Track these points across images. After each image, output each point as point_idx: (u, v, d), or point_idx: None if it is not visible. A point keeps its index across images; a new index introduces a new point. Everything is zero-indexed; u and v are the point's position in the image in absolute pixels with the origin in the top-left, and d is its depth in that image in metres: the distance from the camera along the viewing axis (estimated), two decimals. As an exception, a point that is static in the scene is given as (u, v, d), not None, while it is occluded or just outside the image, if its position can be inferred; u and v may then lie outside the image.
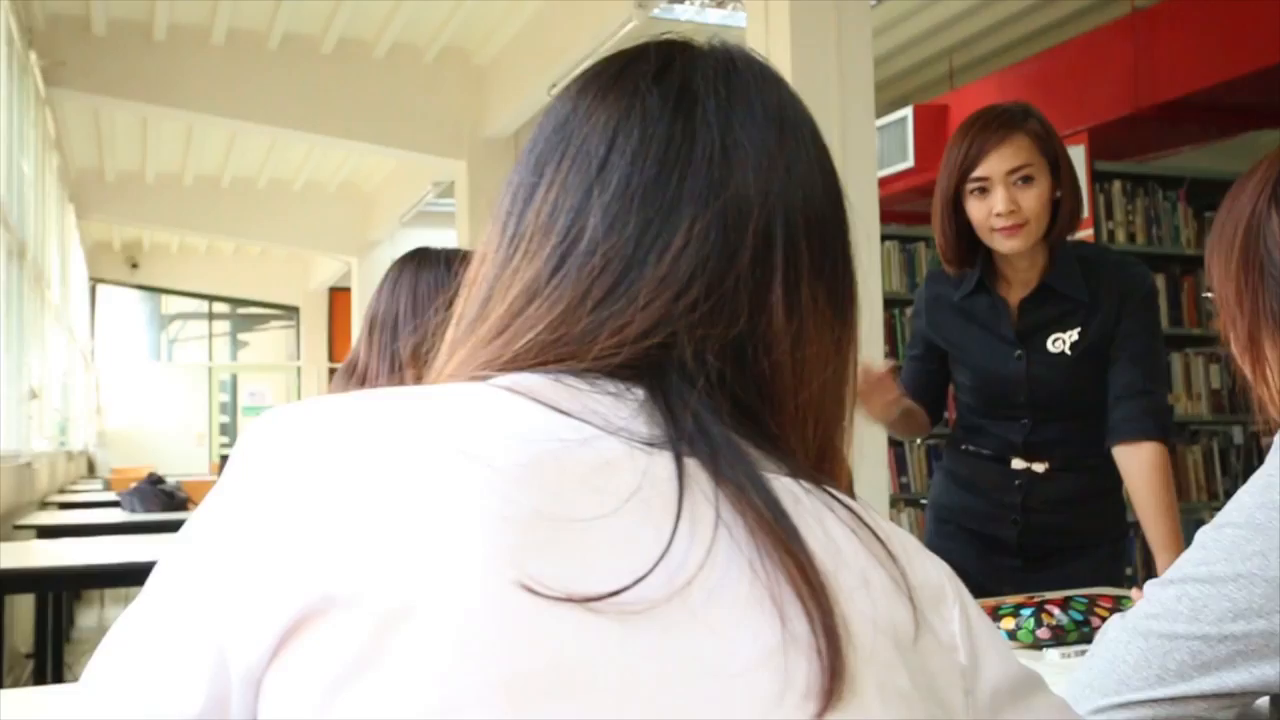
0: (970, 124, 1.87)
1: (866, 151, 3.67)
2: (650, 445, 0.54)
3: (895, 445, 4.66)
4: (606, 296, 0.58)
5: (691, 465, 0.54)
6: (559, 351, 0.58)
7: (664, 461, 0.53)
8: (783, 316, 0.59)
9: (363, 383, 1.46)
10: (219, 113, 6.52)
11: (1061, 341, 1.88)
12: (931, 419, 2.17)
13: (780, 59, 3.63)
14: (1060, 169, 1.86)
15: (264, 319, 13.48)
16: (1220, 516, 0.83)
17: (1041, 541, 1.96)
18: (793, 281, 0.59)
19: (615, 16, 5.14)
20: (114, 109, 7.09)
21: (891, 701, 0.52)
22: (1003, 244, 1.85)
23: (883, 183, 5.32)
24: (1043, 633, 1.38)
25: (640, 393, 0.56)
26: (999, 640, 0.62)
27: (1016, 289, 1.92)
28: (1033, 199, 1.82)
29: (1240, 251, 0.92)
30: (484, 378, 0.57)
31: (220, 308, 13.29)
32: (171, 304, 13.21)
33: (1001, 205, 1.81)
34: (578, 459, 0.52)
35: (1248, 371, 0.93)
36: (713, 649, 0.50)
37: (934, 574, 0.60)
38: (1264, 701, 0.82)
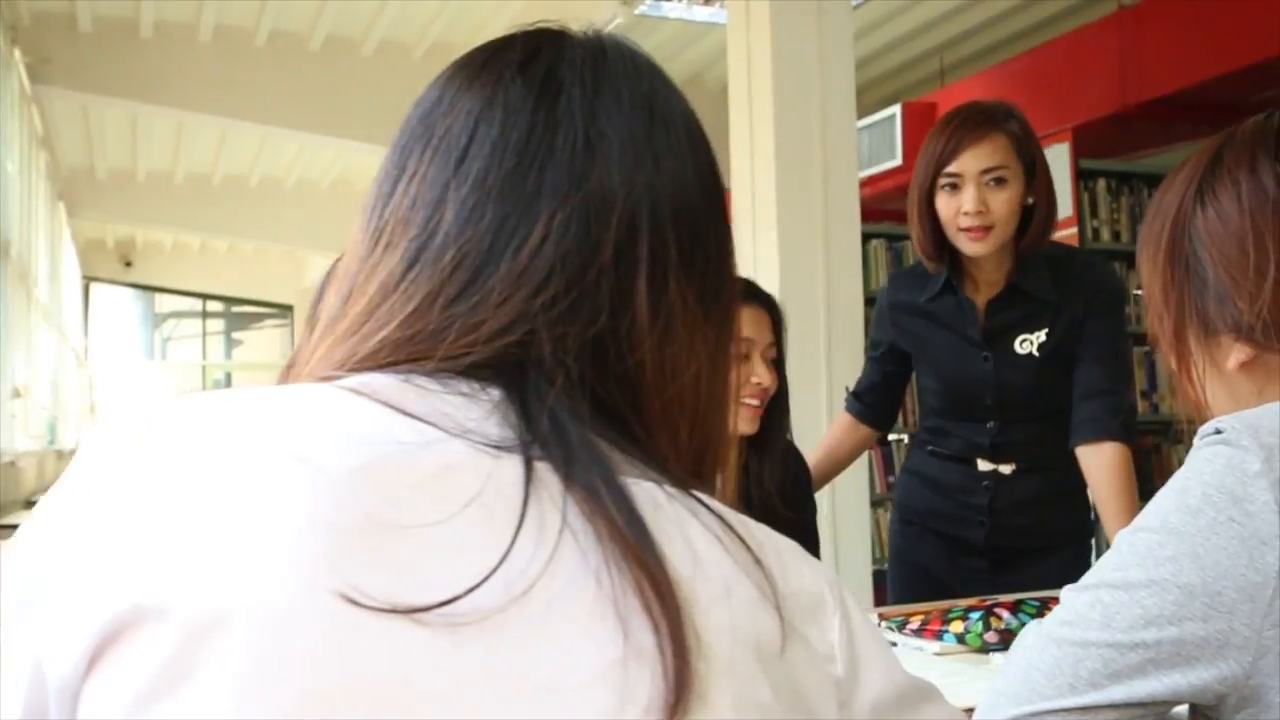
0: (950, 118, 1.85)
1: (848, 150, 3.65)
2: (499, 448, 0.52)
3: (883, 445, 4.64)
4: (461, 293, 0.56)
5: (542, 469, 0.52)
6: (411, 350, 0.56)
7: (511, 465, 0.51)
8: (647, 313, 0.57)
9: (303, 381, 1.44)
10: (208, 110, 6.50)
11: (1029, 343, 1.85)
12: (884, 423, 2.16)
13: (761, 58, 3.62)
14: (1036, 175, 1.83)
15: (258, 317, 13.46)
16: (1138, 520, 0.81)
17: (1008, 543, 1.94)
18: (659, 277, 0.57)
19: (601, 14, 5.12)
20: (103, 107, 7.06)
21: (748, 713, 0.50)
22: (967, 246, 1.83)
23: (871, 181, 5.30)
24: (990, 636, 1.36)
25: (496, 393, 0.54)
26: (885, 650, 0.60)
27: (983, 290, 1.90)
28: (1002, 202, 1.79)
29: (1167, 248, 0.90)
30: (333, 378, 0.55)
31: (214, 306, 13.27)
32: (165, 302, 13.19)
33: (970, 204, 1.78)
34: (417, 463, 0.50)
35: (1174, 369, 0.91)
36: (550, 662, 0.48)
37: (812, 582, 0.58)
38: (1183, 710, 0.80)
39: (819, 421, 3.21)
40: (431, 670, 0.46)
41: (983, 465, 1.93)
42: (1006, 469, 1.91)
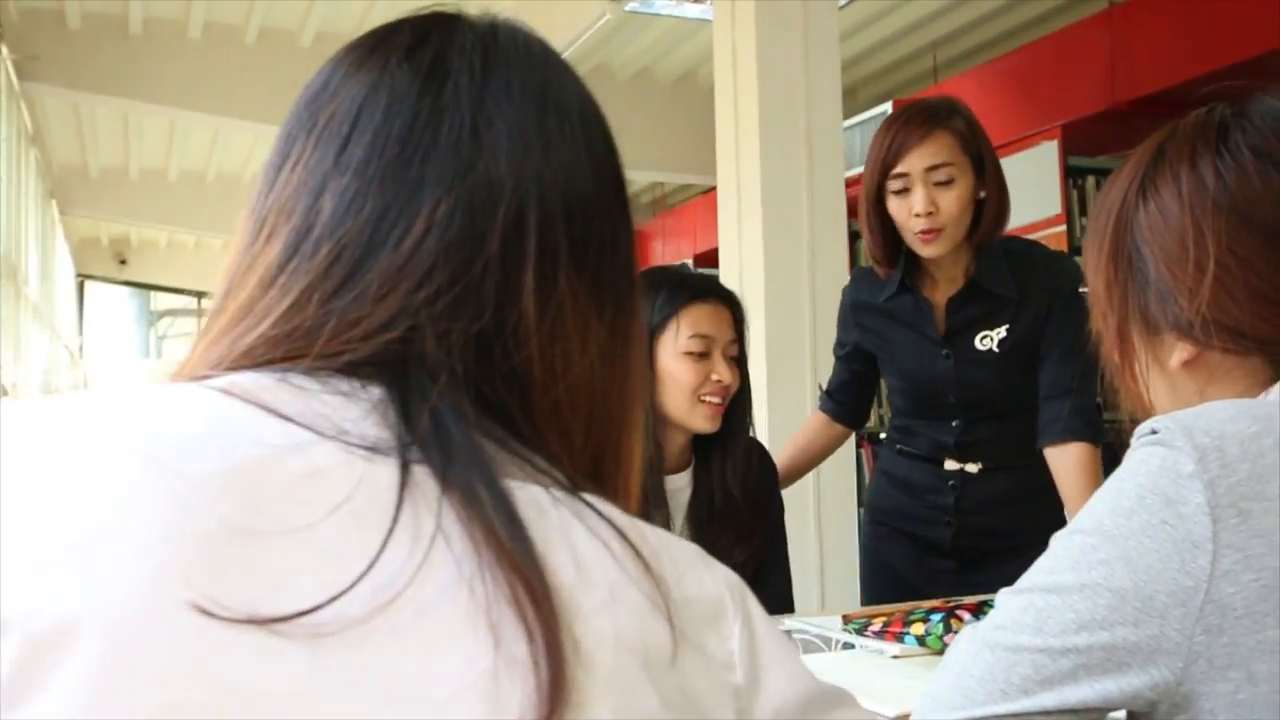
0: (893, 119, 1.84)
1: (833, 148, 3.64)
2: (374, 450, 0.50)
3: (875, 443, 4.62)
4: (341, 287, 0.54)
5: (419, 472, 0.50)
6: (289, 347, 0.54)
7: (387, 468, 0.49)
8: (535, 309, 0.55)
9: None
10: (198, 108, 6.46)
11: (990, 339, 1.84)
12: (857, 421, 2.14)
13: (746, 56, 3.60)
14: (985, 169, 1.81)
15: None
16: (1074, 522, 0.79)
17: (975, 543, 1.92)
18: (549, 272, 0.55)
19: (590, 10, 5.10)
20: (94, 104, 7.04)
21: None
22: (922, 249, 1.82)
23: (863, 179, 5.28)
24: (950, 639, 1.33)
25: (377, 391, 0.52)
26: (790, 657, 0.58)
27: (943, 287, 1.88)
28: (952, 200, 1.78)
29: (1110, 244, 0.88)
30: (206, 378, 0.53)
31: (210, 304, 13.22)
32: (161, 300, 13.17)
33: (920, 205, 1.77)
34: (284, 467, 0.48)
35: (1117, 369, 0.89)
36: (415, 672, 0.46)
37: (712, 588, 0.56)
38: (1119, 716, 0.78)
39: (803, 419, 3.19)
40: (289, 682, 0.44)
41: (949, 464, 1.91)
42: (973, 468, 1.90)
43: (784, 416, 3.49)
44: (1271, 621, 0.68)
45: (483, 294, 0.54)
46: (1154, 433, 0.76)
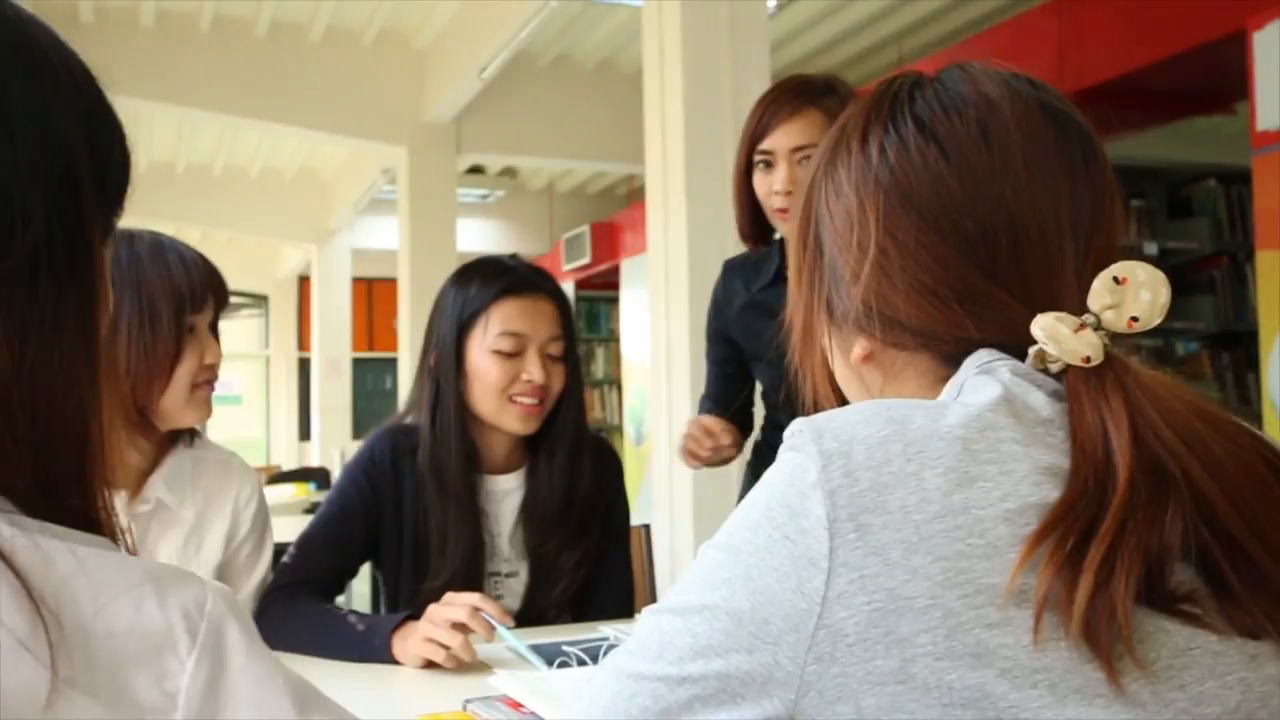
0: (768, 93, 1.79)
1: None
2: None
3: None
4: None
5: None
6: None
7: None
8: None
9: None
10: (150, 96, 6.32)
11: None
12: (745, 430, 1.99)
13: (672, 47, 3.55)
14: None
15: (233, 307, 13.34)
16: (716, 534, 0.72)
17: None
18: None
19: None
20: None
21: None
22: (781, 226, 1.76)
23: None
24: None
25: None
26: (273, 693, 0.51)
27: None
28: None
29: (801, 227, 0.80)
30: None
31: None
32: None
33: (780, 183, 1.72)
34: None
35: (800, 362, 0.81)
36: None
37: (157, 619, 0.49)
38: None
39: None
40: None
41: None
42: None
43: (708, 411, 3.41)
44: (880, 650, 0.61)
45: None
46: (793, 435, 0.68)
